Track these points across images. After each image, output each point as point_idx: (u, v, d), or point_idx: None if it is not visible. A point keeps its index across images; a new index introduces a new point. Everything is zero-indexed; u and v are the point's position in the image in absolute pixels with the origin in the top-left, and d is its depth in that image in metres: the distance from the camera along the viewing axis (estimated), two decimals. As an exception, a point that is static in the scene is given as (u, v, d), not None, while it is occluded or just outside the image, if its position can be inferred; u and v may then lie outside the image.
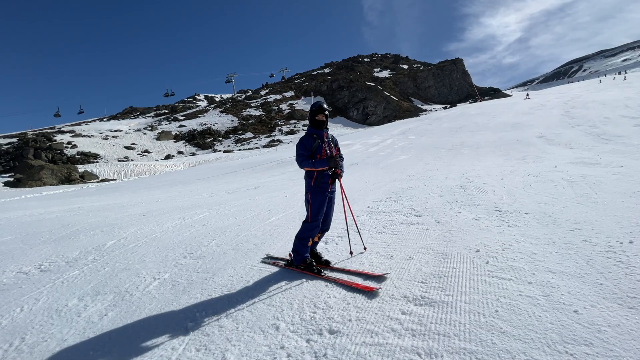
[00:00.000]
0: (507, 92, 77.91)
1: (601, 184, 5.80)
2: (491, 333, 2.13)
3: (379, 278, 3.08)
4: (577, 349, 1.92)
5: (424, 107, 59.94)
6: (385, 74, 75.17)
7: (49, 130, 47.80)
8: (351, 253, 3.76)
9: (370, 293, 2.81)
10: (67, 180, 23.91)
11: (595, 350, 1.89)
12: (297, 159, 3.38)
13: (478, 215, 4.78)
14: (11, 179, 22.99)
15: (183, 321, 2.65)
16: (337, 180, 3.51)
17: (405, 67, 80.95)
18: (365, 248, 3.84)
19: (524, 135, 15.65)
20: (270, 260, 3.79)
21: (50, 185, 22.86)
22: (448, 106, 56.12)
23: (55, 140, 35.35)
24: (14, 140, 36.83)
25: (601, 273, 2.73)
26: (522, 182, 6.72)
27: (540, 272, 2.86)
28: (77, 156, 32.85)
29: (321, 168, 3.30)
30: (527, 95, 38.01)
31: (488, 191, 6.24)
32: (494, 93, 65.05)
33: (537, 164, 9.29)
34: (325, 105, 3.44)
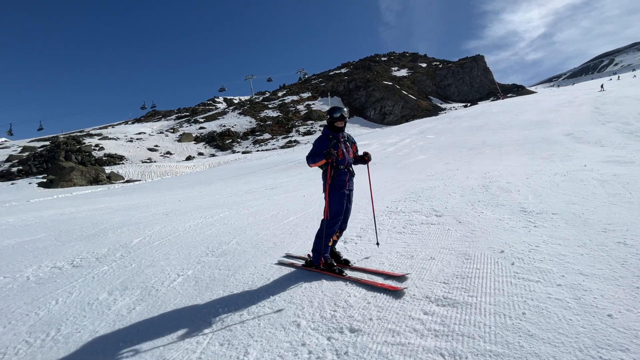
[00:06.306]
0: (532, 88, 75.15)
1: (635, 184, 5.49)
2: (518, 336, 2.06)
3: (400, 278, 3.05)
4: (612, 354, 1.83)
5: (444, 105, 58.68)
6: (403, 72, 74.16)
7: (78, 134, 50.22)
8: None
9: (392, 292, 2.78)
10: (95, 181, 25.03)
11: (632, 356, 1.80)
12: (307, 158, 3.35)
13: (502, 216, 4.63)
14: (44, 180, 24.31)
15: (206, 316, 2.72)
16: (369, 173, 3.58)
17: (424, 65, 79.57)
18: (377, 244, 3.78)
19: (550, 134, 15.03)
20: (287, 261, 3.81)
21: (80, 185, 24.01)
22: (468, 104, 54.71)
23: (84, 143, 37.07)
24: (47, 143, 38.93)
25: (637, 276, 2.59)
26: (549, 182, 6.46)
27: (570, 274, 2.75)
28: (104, 158, 34.30)
29: (320, 162, 3.26)
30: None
31: (512, 191, 6.04)
32: (518, 90, 62.85)
33: (564, 162, 8.91)
34: (346, 114, 3.35)
